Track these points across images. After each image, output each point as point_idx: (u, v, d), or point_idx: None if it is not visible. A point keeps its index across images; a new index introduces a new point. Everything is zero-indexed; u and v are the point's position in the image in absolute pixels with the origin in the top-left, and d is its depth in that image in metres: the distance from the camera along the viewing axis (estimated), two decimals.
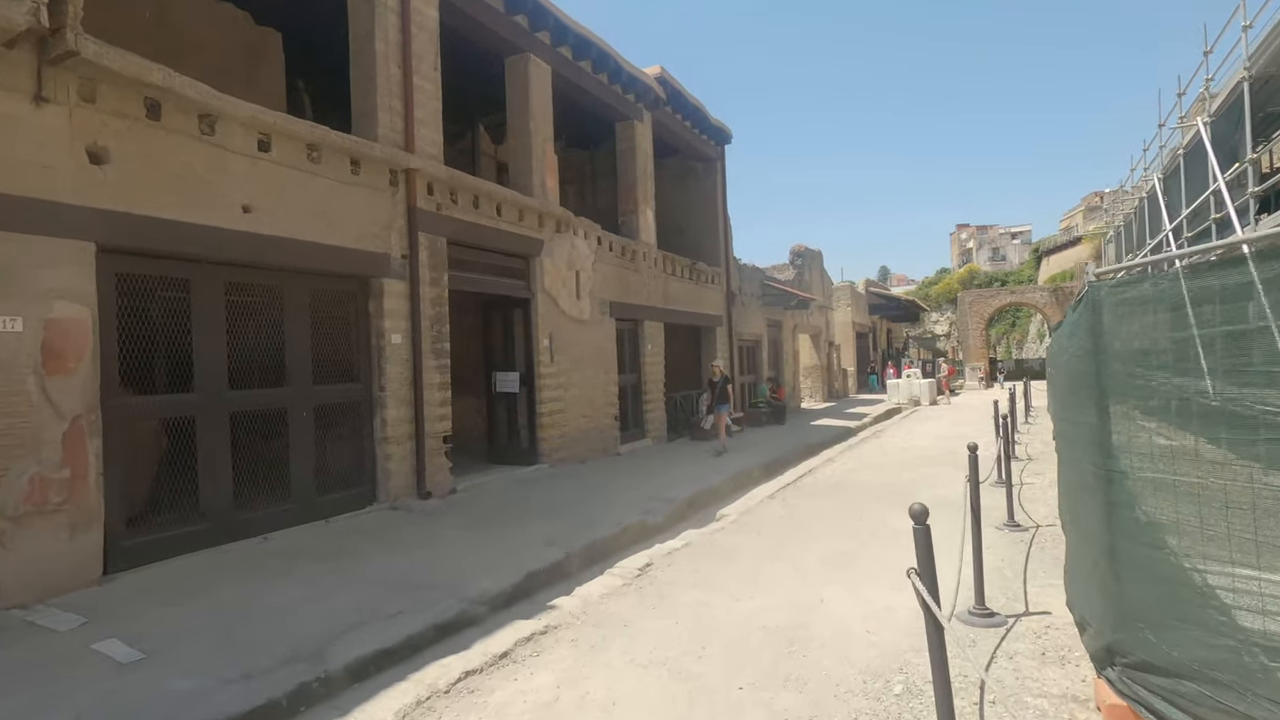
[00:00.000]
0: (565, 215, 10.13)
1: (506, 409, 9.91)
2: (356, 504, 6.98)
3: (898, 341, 42.81)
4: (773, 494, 8.19)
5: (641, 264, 12.45)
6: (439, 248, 7.94)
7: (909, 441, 12.94)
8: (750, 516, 7.14)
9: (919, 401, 23.05)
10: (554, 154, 10.17)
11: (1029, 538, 5.88)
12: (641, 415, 12.44)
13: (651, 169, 13.02)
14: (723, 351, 15.69)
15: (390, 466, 7.22)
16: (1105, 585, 2.85)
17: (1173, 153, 11.68)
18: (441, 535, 6.28)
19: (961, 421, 16.66)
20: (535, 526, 6.54)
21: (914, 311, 38.88)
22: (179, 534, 5.54)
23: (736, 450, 11.62)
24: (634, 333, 12.40)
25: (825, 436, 13.80)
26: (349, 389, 7.06)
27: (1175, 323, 2.41)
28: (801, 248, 23.09)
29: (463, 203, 8.36)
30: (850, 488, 8.45)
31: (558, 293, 10.01)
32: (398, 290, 7.38)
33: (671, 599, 4.70)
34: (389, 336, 7.25)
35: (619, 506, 7.37)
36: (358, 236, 6.98)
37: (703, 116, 14.55)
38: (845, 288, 29.36)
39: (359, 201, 7.02)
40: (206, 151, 5.69)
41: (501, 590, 4.94)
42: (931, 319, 60.13)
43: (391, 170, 7.36)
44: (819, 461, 10.72)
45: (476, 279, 8.78)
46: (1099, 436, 2.84)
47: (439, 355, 7.88)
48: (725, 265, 16.03)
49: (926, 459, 10.60)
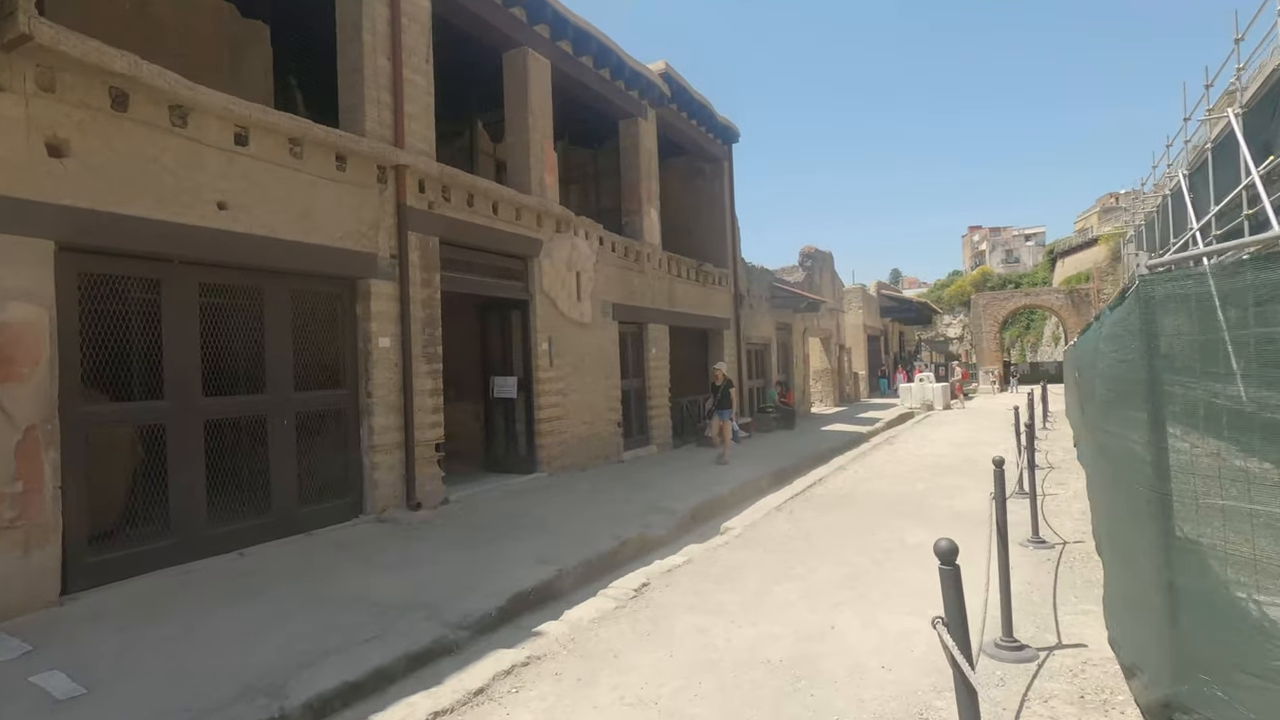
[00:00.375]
0: (565, 214, 9.79)
1: (504, 415, 9.57)
2: (341, 516, 6.65)
3: (910, 345, 42.20)
4: (780, 505, 7.79)
5: (646, 265, 12.08)
6: (431, 248, 7.61)
7: (923, 449, 12.49)
8: (756, 530, 6.75)
9: (932, 406, 22.54)
10: (553, 151, 9.84)
11: (1055, 556, 5.46)
12: (646, 421, 12.06)
13: (656, 168, 12.66)
14: (730, 355, 15.30)
15: (378, 477, 6.89)
16: (1160, 628, 2.45)
17: (1199, 148, 11.19)
18: (427, 550, 5.93)
19: (977, 427, 16.17)
20: (528, 541, 6.18)
21: (926, 314, 38.29)
22: (146, 550, 5.22)
23: (743, 457, 11.22)
24: (638, 336, 12.03)
25: (836, 443, 13.37)
26: (334, 395, 6.73)
27: (1260, 320, 2.01)
28: (811, 249, 22.66)
29: (456, 201, 8.03)
30: (862, 499, 8.04)
31: (557, 294, 9.66)
32: (386, 292, 7.05)
33: (668, 625, 4.32)
34: (376, 340, 6.92)
35: (618, 519, 7.00)
36: (343, 235, 6.66)
37: (709, 114, 14.18)
38: (856, 290, 28.87)
39: (345, 199, 6.71)
40: (178, 145, 5.38)
41: (485, 613, 4.58)
42: (944, 322, 59.39)
43: (380, 166, 7.04)
44: (829, 470, 10.30)
45: (472, 280, 8.45)
46: (1153, 455, 2.44)
47: (430, 360, 7.55)
48: (733, 267, 15.64)
49: (942, 467, 10.17)
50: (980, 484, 8.71)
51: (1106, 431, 3.18)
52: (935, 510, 7.31)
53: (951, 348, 53.80)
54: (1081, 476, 8.79)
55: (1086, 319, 35.47)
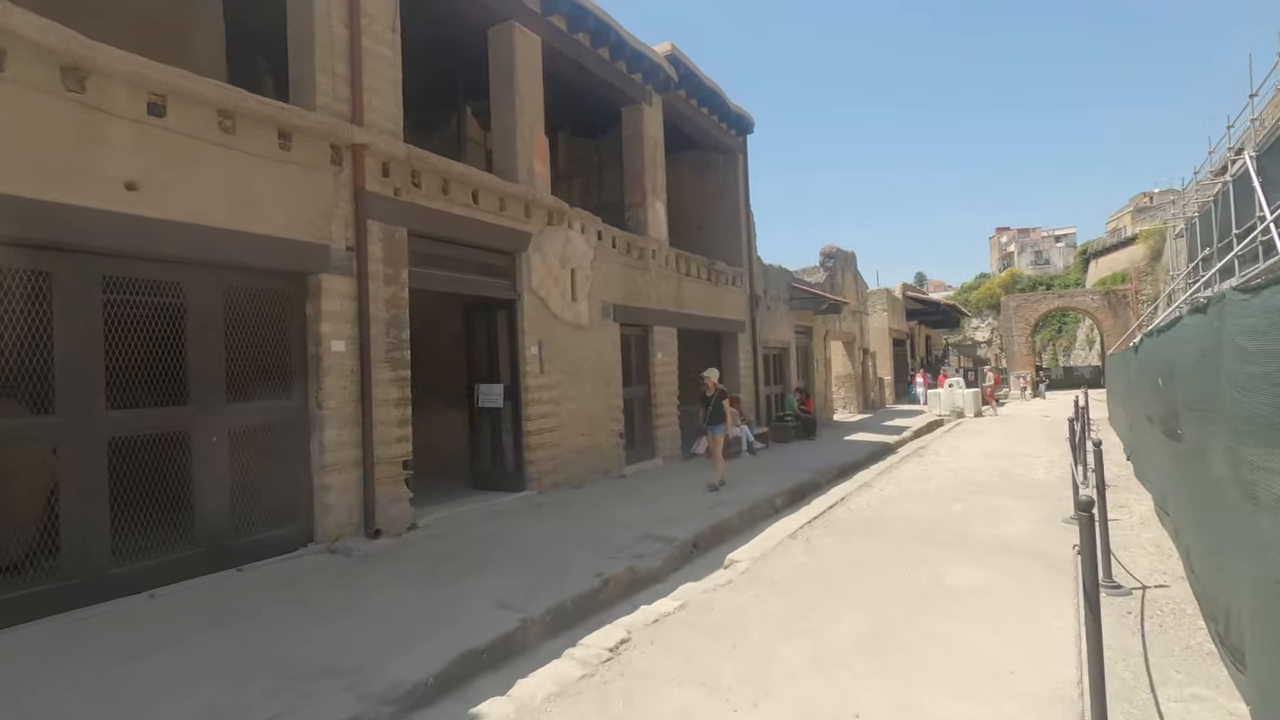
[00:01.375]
0: (557, 205, 8.89)
1: (491, 427, 8.67)
2: (285, 546, 5.78)
3: (937, 349, 40.74)
4: (796, 532, 6.78)
5: (651, 262, 11.14)
6: (397, 239, 6.75)
7: (956, 461, 11.36)
8: (766, 564, 5.75)
9: (962, 413, 21.28)
10: (544, 137, 8.95)
11: (1137, 606, 4.39)
12: (651, 432, 11.10)
13: (662, 158, 11.73)
14: (746, 360, 14.28)
15: (329, 500, 6.01)
16: None
17: (1269, 129, 10.00)
18: (375, 590, 5.03)
19: (1013, 437, 14.96)
20: (495, 578, 5.25)
21: (955, 317, 36.85)
22: (30, 594, 4.37)
23: (757, 471, 10.21)
24: (642, 339, 11.08)
25: (860, 454, 12.30)
26: (278, 407, 5.87)
27: None
28: (833, 249, 21.56)
29: (428, 187, 7.16)
30: (891, 523, 7.00)
31: (549, 293, 8.76)
32: (341, 289, 6.19)
33: (644, 706, 3.35)
34: (329, 344, 6.06)
35: (607, 547, 6.05)
36: (288, 224, 5.81)
37: (720, 101, 13.22)
38: (881, 292, 27.65)
39: (291, 182, 5.86)
40: (74, 114, 4.57)
41: (419, 681, 3.65)
42: (971, 325, 57.67)
43: (333, 146, 6.19)
44: (852, 486, 9.25)
45: (448, 277, 7.57)
46: None
47: (396, 366, 6.67)
48: (748, 265, 14.64)
49: (979, 484, 9.07)
50: (1026, 504, 7.61)
51: (1254, 466, 2.18)
52: (977, 539, 6.26)
53: (979, 352, 52.14)
54: (1144, 498, 7.66)
55: (1124, 321, 33.77)
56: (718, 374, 9.51)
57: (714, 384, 9.26)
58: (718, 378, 9.43)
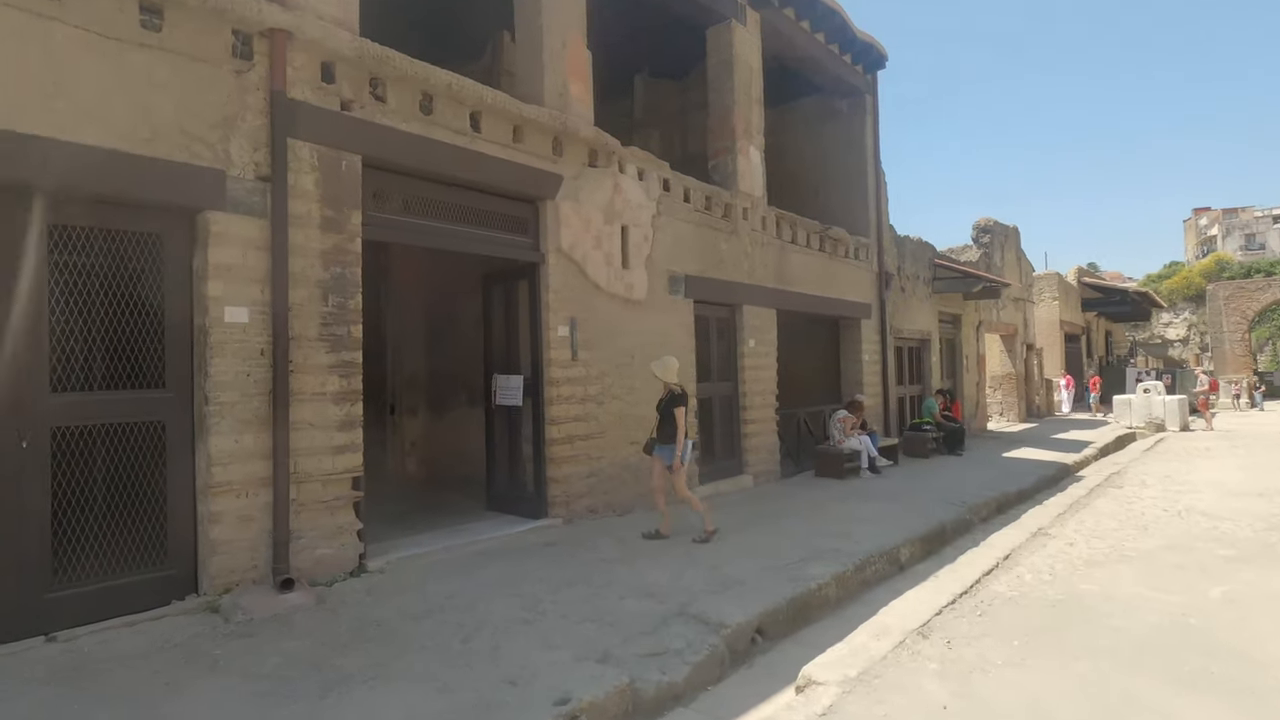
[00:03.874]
0: (600, 139, 6.69)
1: (508, 431, 6.65)
2: (145, 600, 4.01)
3: (1119, 347, 34.47)
4: (928, 623, 4.13)
5: (740, 224, 8.68)
6: (345, 171, 4.84)
7: (1179, 498, 7.96)
8: (870, 696, 3.22)
9: (1163, 426, 16.81)
10: (585, 51, 6.77)
11: None
12: (737, 442, 8.63)
13: (759, 92, 9.20)
14: (872, 352, 11.39)
15: (218, 535, 4.19)
16: None
17: None
18: (210, 703, 3.09)
19: (1256, 462, 10.93)
20: (393, 697, 3.16)
21: (1145, 309, 30.79)
22: None
23: (879, 499, 7.49)
24: (727, 322, 8.64)
25: (1026, 480, 9.14)
26: (141, 400, 4.12)
27: None
28: (990, 222, 17.79)
29: (399, 103, 5.21)
30: (1096, 619, 4.17)
31: (587, 256, 6.59)
32: (244, 234, 4.35)
33: None
34: (219, 311, 4.24)
35: (606, 637, 3.79)
36: (154, 136, 4.03)
37: (841, 24, 10.43)
38: (1051, 276, 23.09)
39: (162, 77, 4.08)
40: None
41: None
42: (1161, 320, 49.17)
43: (234, 29, 4.35)
44: (1021, 535, 6.30)
45: (431, 228, 5.61)
46: None
47: (339, 346, 4.78)
48: (876, 236, 11.72)
49: (1235, 542, 5.86)
50: None
51: None
52: (1264, 664, 3.37)
53: (1171, 352, 44.20)
54: None
55: None
56: (676, 364, 6.02)
57: (670, 386, 5.91)
58: (676, 369, 6.01)
